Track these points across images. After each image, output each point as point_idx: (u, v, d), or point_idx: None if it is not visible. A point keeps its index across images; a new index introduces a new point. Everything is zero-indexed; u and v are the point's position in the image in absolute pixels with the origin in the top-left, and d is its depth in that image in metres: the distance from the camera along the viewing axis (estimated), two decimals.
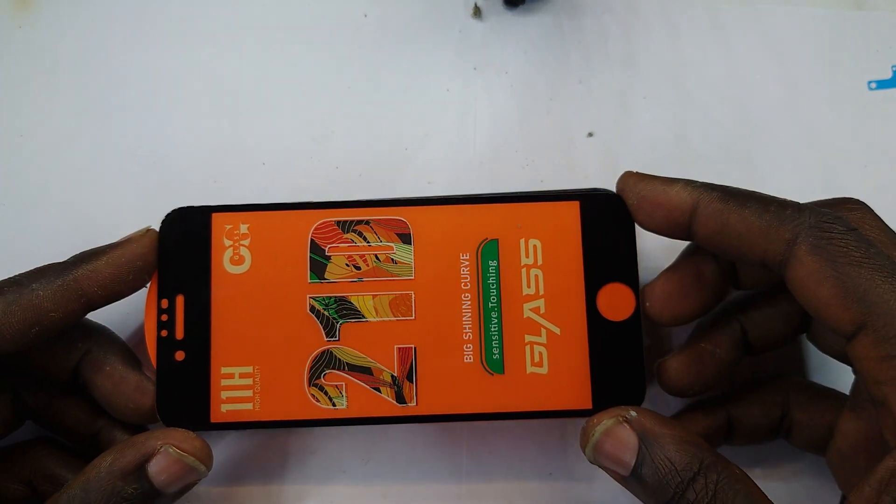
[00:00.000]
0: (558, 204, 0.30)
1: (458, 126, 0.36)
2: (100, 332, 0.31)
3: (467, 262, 0.29)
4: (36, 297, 0.27)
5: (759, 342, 0.30)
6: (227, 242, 0.29)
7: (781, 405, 0.30)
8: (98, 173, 0.35)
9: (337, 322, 0.29)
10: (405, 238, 0.29)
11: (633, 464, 0.26)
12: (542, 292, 0.29)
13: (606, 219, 0.29)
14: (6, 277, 0.28)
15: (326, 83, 0.36)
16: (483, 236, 0.29)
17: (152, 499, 0.27)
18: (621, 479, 0.27)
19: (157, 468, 0.27)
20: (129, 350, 0.31)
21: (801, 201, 0.27)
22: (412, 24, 0.37)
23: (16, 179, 0.35)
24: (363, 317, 0.29)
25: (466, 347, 0.29)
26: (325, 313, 0.29)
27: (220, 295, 0.29)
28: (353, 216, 0.29)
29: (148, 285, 0.29)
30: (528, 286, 0.29)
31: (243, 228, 0.29)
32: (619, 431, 0.26)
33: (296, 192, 0.35)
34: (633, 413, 0.26)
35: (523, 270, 0.29)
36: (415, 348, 0.29)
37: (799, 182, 0.36)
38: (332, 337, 0.29)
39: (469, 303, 0.29)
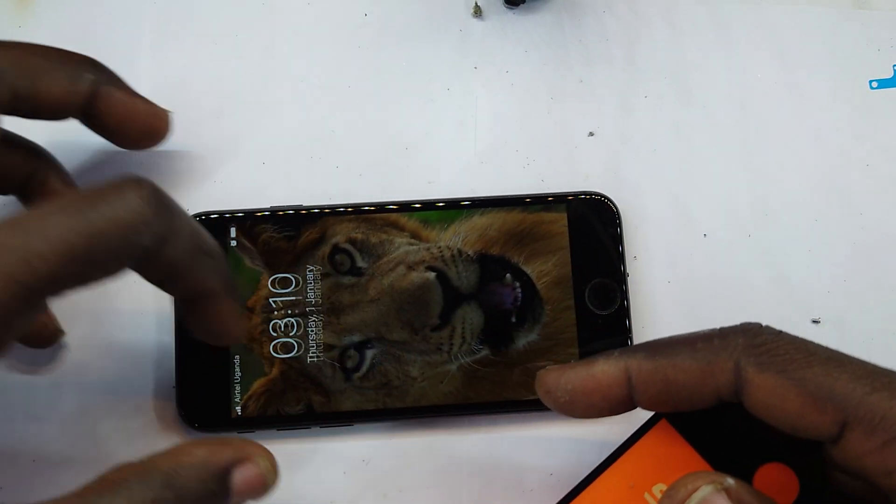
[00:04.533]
0: None
1: (459, 126, 0.36)
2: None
3: None
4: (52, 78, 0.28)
5: None
6: None
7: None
8: (98, 173, 0.35)
9: None
10: None
11: None
12: None
13: None
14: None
15: (326, 83, 0.36)
16: None
17: (221, 502, 0.25)
18: None
19: (243, 476, 0.25)
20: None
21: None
22: (413, 23, 0.37)
23: None
24: None
25: None
26: None
27: None
28: None
29: None
30: None
31: None
32: (718, 500, 0.23)
33: (296, 193, 0.35)
34: (731, 482, 0.23)
35: None
36: None
37: (800, 182, 0.36)
38: None
39: None
